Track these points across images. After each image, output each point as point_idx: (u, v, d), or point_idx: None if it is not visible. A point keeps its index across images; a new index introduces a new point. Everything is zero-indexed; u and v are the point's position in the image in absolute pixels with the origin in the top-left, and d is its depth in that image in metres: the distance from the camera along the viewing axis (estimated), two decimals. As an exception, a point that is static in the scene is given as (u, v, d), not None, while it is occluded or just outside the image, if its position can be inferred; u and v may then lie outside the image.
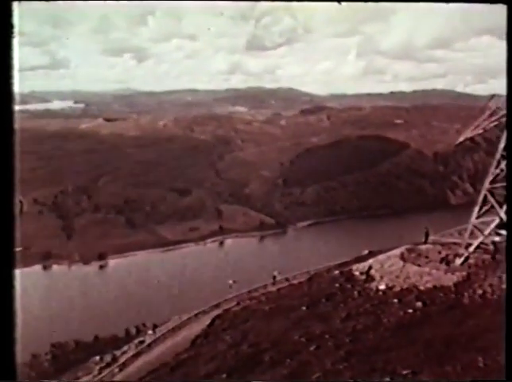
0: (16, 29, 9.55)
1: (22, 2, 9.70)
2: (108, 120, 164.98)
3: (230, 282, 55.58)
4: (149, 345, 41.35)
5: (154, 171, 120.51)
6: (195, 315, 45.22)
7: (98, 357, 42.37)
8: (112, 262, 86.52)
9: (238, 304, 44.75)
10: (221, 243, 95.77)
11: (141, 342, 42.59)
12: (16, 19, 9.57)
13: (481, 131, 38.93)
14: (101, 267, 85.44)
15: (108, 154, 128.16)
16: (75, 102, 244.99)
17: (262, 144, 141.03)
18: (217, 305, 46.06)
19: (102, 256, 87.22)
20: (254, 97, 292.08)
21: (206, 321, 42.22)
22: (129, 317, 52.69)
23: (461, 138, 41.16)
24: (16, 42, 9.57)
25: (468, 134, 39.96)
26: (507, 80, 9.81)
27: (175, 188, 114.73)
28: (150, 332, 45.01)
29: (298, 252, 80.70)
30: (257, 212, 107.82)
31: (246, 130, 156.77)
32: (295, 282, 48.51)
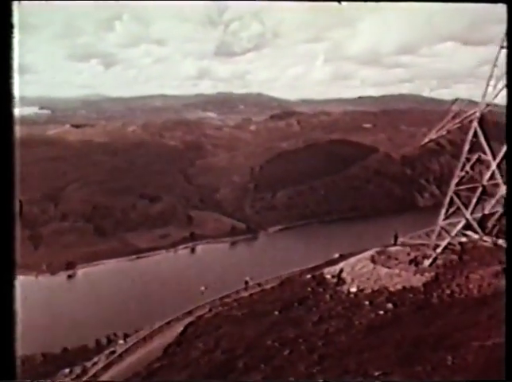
0: (16, 29, 9.54)
1: (22, 2, 9.70)
2: (75, 126, 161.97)
3: (202, 288, 55.22)
4: (121, 355, 40.57)
5: (123, 178, 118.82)
6: (168, 323, 44.67)
7: (67, 370, 41.29)
8: (81, 271, 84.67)
9: (210, 310, 44.49)
10: (192, 250, 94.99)
11: (113, 352, 41.77)
12: (16, 19, 9.56)
13: (445, 133, 39.89)
14: (69, 276, 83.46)
15: (76, 161, 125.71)
16: (41, 108, 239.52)
17: (233, 149, 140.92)
18: (189, 313, 45.65)
19: (70, 266, 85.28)
20: (224, 102, 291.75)
21: (178, 328, 41.79)
22: (99, 328, 51.56)
23: (426, 140, 42.16)
24: (16, 42, 9.56)
25: (433, 135, 40.95)
26: (507, 81, 10.04)
27: (145, 194, 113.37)
28: (121, 342, 44.19)
29: (270, 257, 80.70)
30: (228, 217, 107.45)
31: (216, 136, 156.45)
32: (267, 287, 48.55)
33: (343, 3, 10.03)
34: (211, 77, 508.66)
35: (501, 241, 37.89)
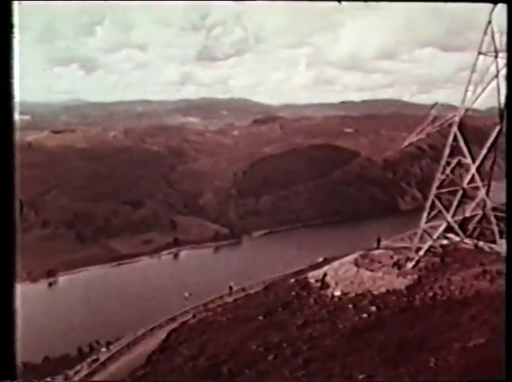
0: (16, 29, 9.54)
1: (22, 2, 9.75)
2: (56, 132, 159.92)
3: (186, 294, 54.90)
4: (104, 363, 40.07)
5: (105, 184, 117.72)
6: (151, 330, 44.31)
7: (49, 378, 40.62)
8: (62, 278, 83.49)
9: (194, 316, 44.25)
10: (176, 255, 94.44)
11: (95, 360, 41.22)
12: (16, 19, 9.57)
13: (424, 136, 40.46)
14: (50, 284, 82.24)
15: (56, 167, 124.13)
16: (21, 113, 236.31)
17: (215, 154, 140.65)
18: (173, 319, 45.35)
19: (51, 273, 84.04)
20: (206, 107, 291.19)
21: (162, 335, 41.47)
22: (81, 335, 50.86)
23: (406, 143, 42.71)
24: (16, 42, 9.60)
25: (413, 138, 41.50)
26: (507, 81, 10.24)
27: (127, 200, 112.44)
28: (104, 349, 43.66)
29: (254, 262, 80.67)
30: (211, 222, 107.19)
31: (199, 141, 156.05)
32: (251, 291, 48.50)
33: (343, 3, 10.18)
34: (193, 82, 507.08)
35: (481, 243, 38.47)
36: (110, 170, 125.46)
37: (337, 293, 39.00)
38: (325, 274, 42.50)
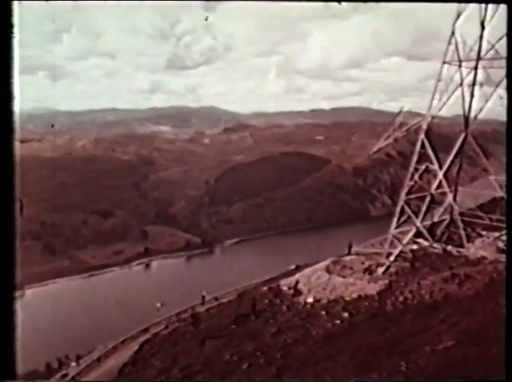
0: (16, 29, 9.58)
1: (22, 2, 9.77)
2: (22, 141, 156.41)
3: (158, 305, 54.18)
4: (73, 378, 39.10)
5: (73, 194, 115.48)
6: (122, 342, 43.52)
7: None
8: (29, 291, 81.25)
9: (166, 327, 43.72)
10: (147, 266, 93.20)
11: (65, 376, 40.18)
12: (16, 19, 9.61)
13: (392, 141, 41.22)
14: (17, 298, 79.95)
15: (22, 177, 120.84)
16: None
17: (187, 163, 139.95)
18: (145, 330, 44.70)
19: (18, 286, 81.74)
20: (177, 116, 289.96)
21: (134, 347, 40.79)
22: (50, 350, 49.50)
23: (375, 149, 43.44)
24: (16, 42, 9.62)
25: (381, 144, 42.23)
26: (507, 82, 10.42)
27: (96, 210, 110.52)
28: (74, 364, 42.59)
29: (226, 270, 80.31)
30: (183, 231, 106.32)
31: (170, 150, 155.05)
32: (224, 300, 48.27)
33: (343, 3, 10.32)
34: (163, 91, 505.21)
35: (450, 247, 39.27)
36: (78, 180, 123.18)
37: (310, 300, 39.14)
38: (298, 282, 42.63)
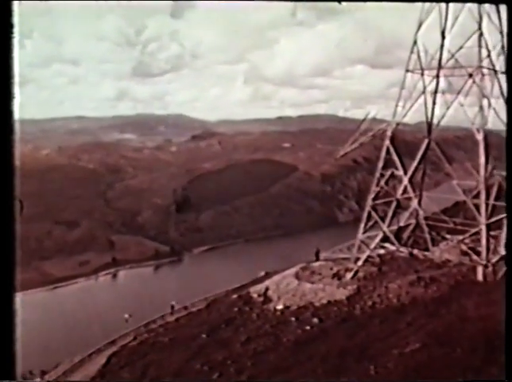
0: (16, 29, 9.63)
1: (22, 2, 9.82)
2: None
3: (126, 316, 53.10)
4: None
5: (37, 204, 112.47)
6: (89, 355, 42.39)
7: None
8: (-9, 306, 78.50)
9: (135, 338, 42.95)
10: (114, 276, 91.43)
11: (28, 392, 38.88)
12: (16, 19, 9.66)
13: (358, 146, 41.93)
14: (-22, 312, 77.13)
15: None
16: None
17: (154, 171, 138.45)
18: (112, 342, 43.69)
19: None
20: (143, 124, 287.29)
21: (101, 360, 39.85)
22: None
23: (341, 153, 44.06)
24: (16, 42, 9.65)
25: (347, 148, 42.88)
26: (507, 82, 10.59)
27: (61, 220, 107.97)
28: (38, 380, 41.27)
29: (196, 279, 79.60)
30: (151, 240, 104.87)
31: (137, 158, 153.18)
32: (194, 309, 47.80)
33: (343, 3, 10.43)
34: (129, 98, 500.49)
35: (415, 251, 40.06)
36: (42, 189, 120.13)
37: (279, 306, 39.19)
38: (267, 289, 42.64)
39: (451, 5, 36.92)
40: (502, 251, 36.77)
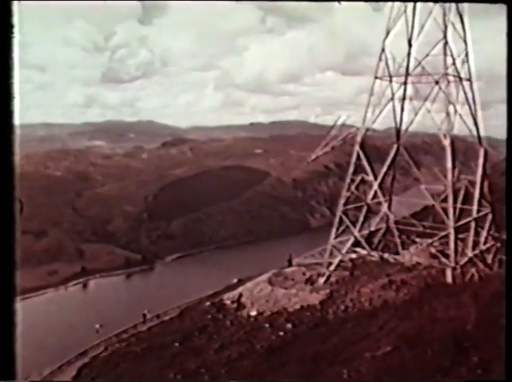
0: (16, 29, 9.66)
1: (22, 2, 9.86)
2: None
3: (97, 326, 52.03)
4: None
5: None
6: (59, 368, 41.36)
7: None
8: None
9: (106, 349, 42.16)
10: (84, 286, 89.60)
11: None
12: (16, 19, 9.69)
13: (329, 149, 42.40)
14: None
15: None
16: None
17: (124, 178, 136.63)
18: (83, 353, 42.74)
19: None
20: (113, 130, 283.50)
21: (71, 372, 39.00)
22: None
23: (313, 156, 44.47)
24: (16, 42, 9.69)
25: (319, 152, 43.31)
26: (507, 82, 10.72)
27: (29, 230, 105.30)
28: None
29: (168, 287, 78.74)
30: (122, 249, 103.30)
31: (106, 165, 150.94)
32: (166, 318, 47.24)
33: (343, 3, 10.52)
34: (98, 105, 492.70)
35: (386, 255, 40.64)
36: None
37: (253, 313, 39.13)
38: (240, 295, 42.55)
39: (417, 14, 37.88)
40: (470, 254, 37.68)
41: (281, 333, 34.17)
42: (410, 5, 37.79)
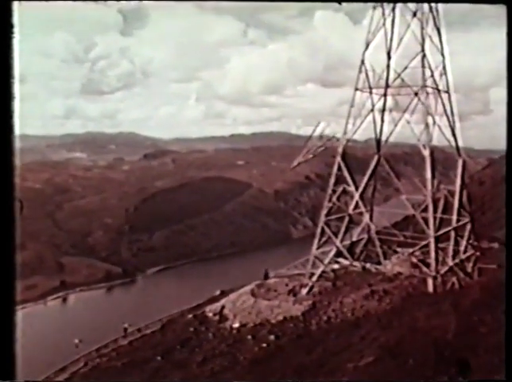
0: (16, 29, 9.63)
1: (22, 2, 9.85)
2: None
3: (76, 341, 51.06)
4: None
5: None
6: (37, 384, 40.35)
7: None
8: None
9: (86, 364, 41.34)
10: (64, 300, 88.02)
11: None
12: (16, 19, 9.67)
13: (311, 156, 42.55)
14: None
15: None
16: None
17: (105, 191, 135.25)
18: (62, 370, 41.86)
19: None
20: (94, 142, 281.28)
21: (50, 388, 38.06)
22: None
23: (295, 163, 44.60)
24: (16, 42, 9.65)
25: (301, 159, 43.46)
26: (507, 83, 10.80)
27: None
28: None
29: (149, 300, 77.83)
30: (102, 262, 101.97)
31: (87, 177, 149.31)
32: (148, 331, 46.60)
33: (343, 3, 10.54)
34: (78, 116, 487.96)
35: (368, 265, 40.81)
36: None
37: (236, 325, 38.83)
38: (223, 307, 42.23)
39: (396, 27, 38.54)
40: (450, 262, 38.08)
41: (264, 345, 33.96)
42: (389, 18, 38.47)
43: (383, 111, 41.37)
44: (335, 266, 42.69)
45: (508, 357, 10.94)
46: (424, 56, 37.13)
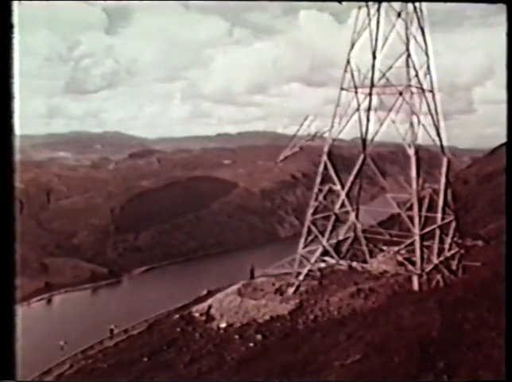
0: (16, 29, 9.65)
1: (22, 2, 9.90)
2: None
3: (61, 343, 50.54)
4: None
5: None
6: (21, 387, 39.81)
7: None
8: None
9: (71, 366, 40.98)
10: (48, 301, 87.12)
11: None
12: (16, 19, 9.68)
13: (298, 150, 42.66)
14: None
15: None
16: None
17: (89, 190, 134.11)
18: (47, 372, 41.42)
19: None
20: (78, 142, 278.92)
21: (34, 391, 37.65)
22: None
23: (281, 157, 44.68)
24: (16, 42, 9.66)
25: (287, 152, 43.55)
26: (507, 82, 10.84)
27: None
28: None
29: (136, 301, 77.40)
30: (88, 262, 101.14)
31: (71, 176, 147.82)
32: (134, 332, 46.33)
33: (344, 3, 10.56)
34: (62, 115, 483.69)
35: (354, 263, 41.03)
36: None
37: (222, 325, 38.78)
38: (210, 307, 42.14)
39: (381, 27, 38.79)
40: (435, 260, 38.46)
41: (251, 345, 33.96)
42: (374, 18, 38.69)
43: (369, 110, 41.63)
44: (322, 265, 42.86)
45: (508, 357, 10.96)
46: (408, 55, 37.42)
